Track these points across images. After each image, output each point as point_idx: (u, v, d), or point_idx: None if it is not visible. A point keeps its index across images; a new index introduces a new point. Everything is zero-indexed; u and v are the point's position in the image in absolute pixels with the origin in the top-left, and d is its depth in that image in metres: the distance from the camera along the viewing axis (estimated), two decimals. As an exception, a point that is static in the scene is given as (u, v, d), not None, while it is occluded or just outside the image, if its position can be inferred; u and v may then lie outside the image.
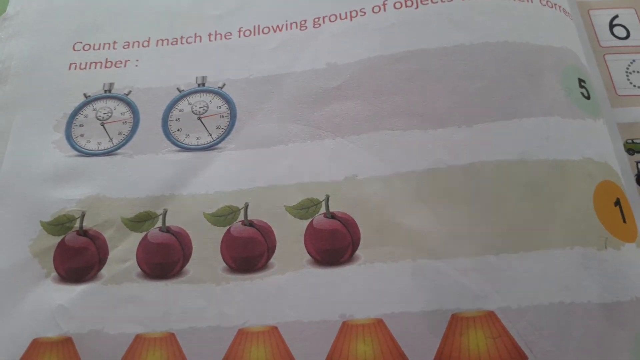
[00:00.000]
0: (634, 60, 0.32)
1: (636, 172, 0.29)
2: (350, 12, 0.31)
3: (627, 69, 0.32)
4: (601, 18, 0.34)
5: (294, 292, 0.25)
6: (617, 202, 0.26)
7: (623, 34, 0.33)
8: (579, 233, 0.24)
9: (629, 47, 0.33)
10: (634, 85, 0.31)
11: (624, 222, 0.25)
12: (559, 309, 0.23)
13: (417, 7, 0.30)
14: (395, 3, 0.30)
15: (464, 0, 0.30)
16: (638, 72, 0.32)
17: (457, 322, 0.23)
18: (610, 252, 0.24)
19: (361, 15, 0.31)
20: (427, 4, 0.30)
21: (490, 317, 0.23)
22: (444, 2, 0.30)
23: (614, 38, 0.33)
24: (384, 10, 0.30)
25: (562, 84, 0.28)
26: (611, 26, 0.33)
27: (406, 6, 0.30)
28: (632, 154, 0.29)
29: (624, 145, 0.29)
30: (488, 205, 0.25)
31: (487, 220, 0.25)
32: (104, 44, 0.32)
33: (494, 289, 0.24)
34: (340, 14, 0.31)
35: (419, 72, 0.28)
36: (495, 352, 0.23)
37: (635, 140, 0.29)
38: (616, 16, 0.34)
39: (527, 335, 0.23)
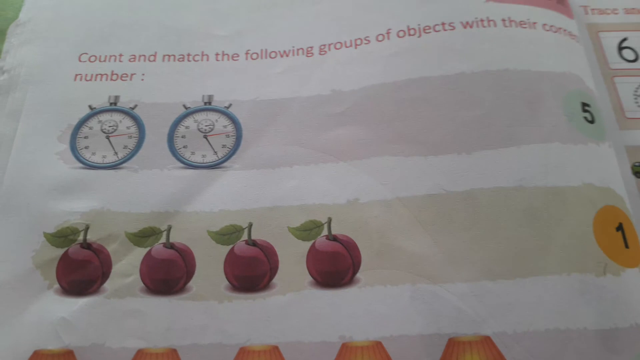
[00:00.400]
0: None
1: None
2: (355, 40, 0.32)
3: (636, 91, 0.33)
4: (610, 40, 0.34)
5: (295, 312, 0.25)
6: (620, 227, 0.27)
7: (632, 56, 0.34)
8: (577, 259, 0.25)
9: (637, 70, 0.33)
10: None
11: (627, 247, 0.26)
12: (554, 335, 0.24)
13: (420, 35, 0.31)
14: (398, 32, 0.32)
15: (465, 29, 0.31)
16: None
17: (453, 346, 0.24)
18: (610, 279, 0.25)
19: (365, 44, 0.32)
20: (430, 32, 0.31)
21: (486, 342, 0.24)
22: (446, 30, 0.31)
23: (623, 60, 0.34)
24: (388, 38, 0.31)
25: (563, 110, 0.29)
26: (620, 49, 0.34)
27: (409, 35, 0.31)
28: (639, 177, 0.30)
29: (632, 168, 0.30)
30: (486, 231, 0.26)
31: (485, 245, 0.26)
32: (110, 56, 0.32)
33: (490, 314, 0.25)
34: (345, 42, 0.32)
35: (420, 100, 0.30)
36: (490, 377, 0.24)
37: None
38: (625, 39, 0.34)
39: None
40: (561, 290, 0.25)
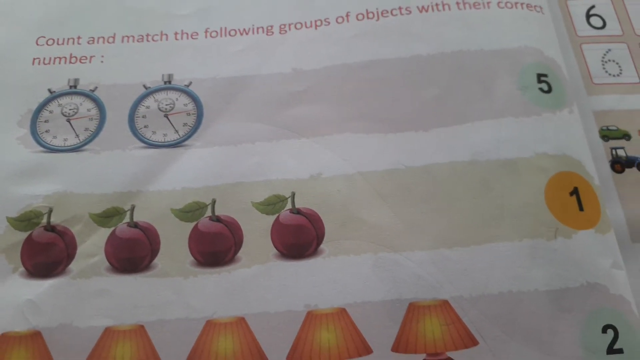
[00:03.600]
0: (609, 50, 0.34)
1: (610, 157, 0.30)
2: (315, 21, 0.32)
3: (603, 58, 0.33)
4: (578, 8, 0.35)
5: (261, 284, 0.26)
6: (575, 192, 0.28)
7: (599, 23, 0.35)
8: (529, 226, 0.26)
9: (604, 37, 0.34)
10: (609, 74, 0.33)
11: (581, 209, 0.27)
12: (507, 298, 0.25)
13: (378, 19, 0.32)
14: (357, 15, 0.32)
15: (421, 13, 0.32)
16: (613, 61, 0.33)
17: (414, 311, 0.25)
18: (560, 242, 0.26)
19: (325, 25, 0.32)
20: (387, 16, 0.32)
21: (444, 306, 0.25)
22: (402, 14, 0.32)
23: (591, 28, 0.34)
24: (347, 21, 0.32)
25: (517, 84, 0.30)
26: (588, 16, 0.35)
27: (368, 18, 0.32)
28: (607, 141, 0.31)
29: (600, 132, 0.31)
30: (442, 202, 0.27)
31: (442, 216, 0.27)
32: (68, 38, 0.32)
33: (448, 280, 0.25)
34: (305, 23, 0.32)
35: (379, 80, 0.30)
36: (449, 338, 0.25)
37: (609, 127, 0.31)
38: (593, 6, 0.35)
39: (478, 322, 0.25)
40: (513, 256, 0.26)
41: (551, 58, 0.31)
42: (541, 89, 0.30)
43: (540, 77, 0.30)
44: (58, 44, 0.32)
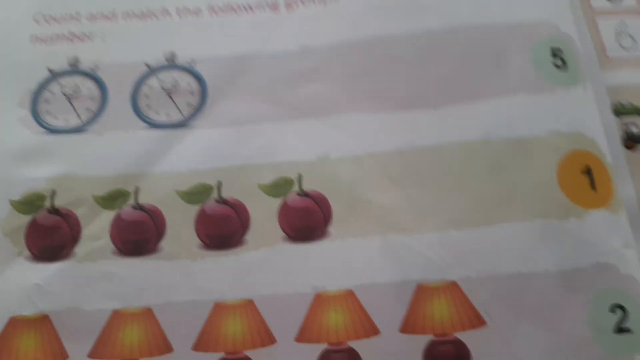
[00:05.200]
0: (623, 22, 0.33)
1: (623, 134, 0.30)
2: None
3: (617, 30, 0.33)
4: None
5: (269, 267, 0.26)
6: (587, 171, 0.27)
7: None
8: (540, 205, 0.26)
9: (619, 9, 0.33)
10: (623, 47, 0.32)
11: (593, 188, 0.27)
12: (516, 279, 0.25)
13: None
14: None
15: None
16: (627, 33, 0.33)
17: (421, 292, 0.25)
18: (572, 222, 0.26)
19: (334, 1, 0.31)
20: None
21: (452, 287, 0.25)
22: None
23: (606, 0, 0.33)
24: None
25: (530, 59, 0.29)
26: None
27: None
28: (619, 116, 0.30)
29: (612, 108, 0.30)
30: (452, 183, 0.27)
31: (451, 197, 0.27)
32: (67, 15, 0.31)
33: (456, 261, 0.25)
34: None
35: (388, 57, 0.29)
36: (457, 319, 0.25)
37: (623, 103, 0.31)
38: None
39: (486, 303, 0.25)
40: (523, 236, 0.26)
41: (566, 33, 0.30)
42: (555, 65, 0.29)
43: (555, 52, 0.30)
44: (56, 21, 0.31)
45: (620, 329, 0.24)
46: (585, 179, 0.27)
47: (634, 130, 0.30)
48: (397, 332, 0.25)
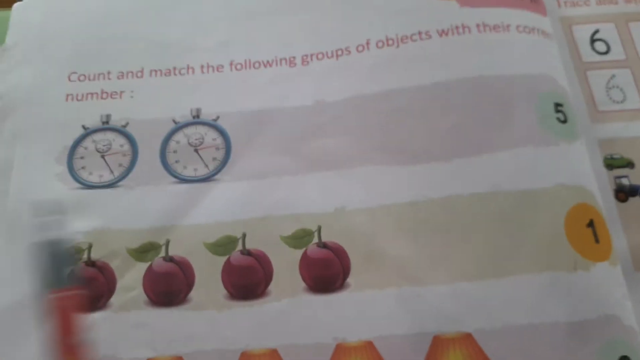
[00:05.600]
0: (613, 76, 0.34)
1: (614, 187, 0.31)
2: (336, 50, 0.33)
3: (607, 84, 0.34)
4: (583, 33, 0.35)
5: (291, 317, 0.27)
6: (590, 224, 0.28)
7: (603, 48, 0.35)
8: (549, 258, 0.27)
9: (608, 62, 0.34)
10: (614, 101, 0.33)
11: (597, 242, 0.28)
12: (528, 329, 0.26)
13: (398, 45, 0.32)
14: (377, 42, 0.33)
15: (441, 37, 0.32)
16: (618, 87, 0.34)
17: (438, 343, 0.26)
18: (580, 274, 0.27)
19: (346, 54, 0.33)
20: (407, 42, 0.32)
21: (467, 338, 0.26)
22: (422, 40, 0.32)
23: (595, 53, 0.34)
24: (368, 49, 0.33)
25: (535, 112, 0.30)
26: (592, 41, 0.35)
27: (387, 45, 0.32)
28: (611, 169, 0.32)
29: (604, 161, 0.32)
30: (462, 235, 0.28)
31: (462, 249, 0.28)
32: (99, 74, 0.33)
33: (469, 313, 0.27)
34: (327, 52, 0.33)
35: (399, 110, 0.31)
36: (472, 370, 0.26)
37: (614, 156, 0.32)
38: (597, 31, 0.35)
39: (500, 354, 0.26)
40: (534, 288, 0.27)
41: (563, 87, 0.32)
42: (558, 119, 0.31)
43: (557, 107, 0.31)
44: (89, 79, 0.33)
45: (626, 379, 0.26)
46: (590, 232, 0.28)
47: (625, 182, 0.31)
48: (415, 382, 0.26)
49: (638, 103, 0.33)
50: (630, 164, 0.32)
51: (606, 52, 0.35)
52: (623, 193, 0.31)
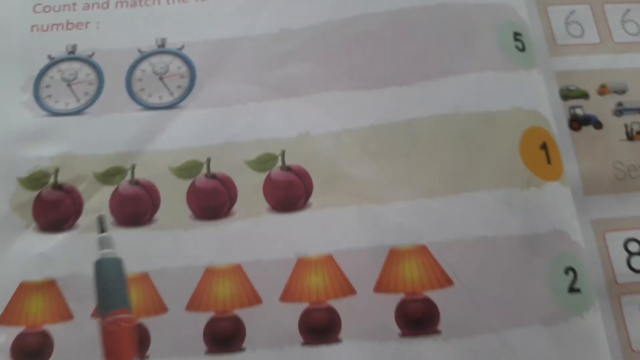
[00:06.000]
0: (573, 11, 0.35)
1: (569, 116, 0.32)
2: None
3: (567, 19, 0.34)
4: None
5: (255, 235, 0.28)
6: (544, 146, 0.29)
7: None
8: (504, 176, 0.28)
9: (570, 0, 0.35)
10: (572, 35, 0.34)
11: (549, 163, 0.29)
12: (482, 242, 0.27)
13: None
14: None
15: None
16: (577, 22, 0.34)
17: (394, 255, 0.27)
18: (533, 191, 0.28)
19: None
20: None
21: (422, 250, 0.27)
22: None
23: None
24: None
25: (497, 40, 0.31)
26: None
27: None
28: (567, 100, 0.33)
29: (560, 92, 0.33)
30: (424, 155, 0.29)
31: (423, 169, 0.29)
32: (64, 5, 0.33)
33: (427, 227, 0.28)
34: None
35: (364, 35, 0.32)
36: (426, 279, 0.27)
37: (570, 87, 0.33)
38: None
39: (454, 265, 0.27)
40: (490, 204, 0.28)
41: (522, 18, 0.32)
42: (517, 47, 0.31)
43: (516, 36, 0.32)
44: (54, 10, 0.33)
45: (572, 289, 0.27)
46: (543, 153, 0.29)
47: (579, 112, 0.32)
48: (371, 292, 0.27)
49: (596, 37, 0.34)
50: (585, 95, 0.33)
51: None
52: (577, 122, 0.32)
